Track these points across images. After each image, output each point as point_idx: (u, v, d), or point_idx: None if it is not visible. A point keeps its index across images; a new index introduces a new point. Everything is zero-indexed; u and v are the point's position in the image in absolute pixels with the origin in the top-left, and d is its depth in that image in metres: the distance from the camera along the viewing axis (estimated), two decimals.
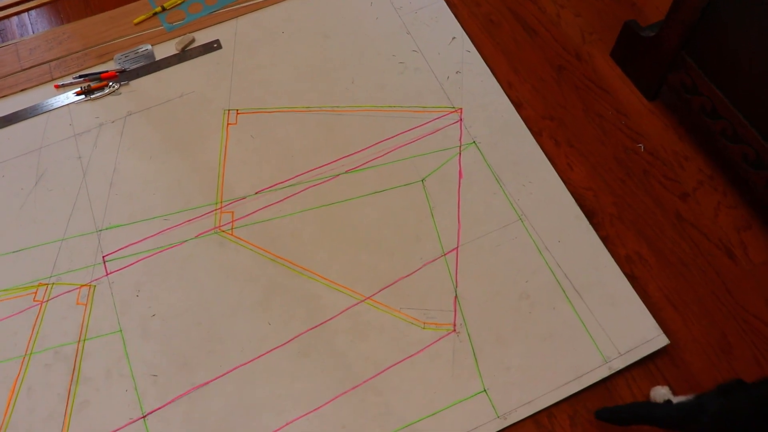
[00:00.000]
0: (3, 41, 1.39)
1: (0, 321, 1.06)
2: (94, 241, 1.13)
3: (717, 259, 1.08)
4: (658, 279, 1.06)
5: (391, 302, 1.04)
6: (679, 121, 1.21)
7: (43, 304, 1.07)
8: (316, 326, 1.03)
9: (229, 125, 1.23)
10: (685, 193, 1.14)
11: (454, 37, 1.31)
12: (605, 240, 1.09)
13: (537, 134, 1.20)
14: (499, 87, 1.25)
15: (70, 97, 1.28)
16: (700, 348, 1.01)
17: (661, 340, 1.00)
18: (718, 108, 1.07)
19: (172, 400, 0.99)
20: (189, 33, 1.35)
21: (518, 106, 1.23)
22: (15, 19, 1.43)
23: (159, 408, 0.98)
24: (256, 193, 1.15)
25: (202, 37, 1.35)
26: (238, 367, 1.01)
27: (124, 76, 1.30)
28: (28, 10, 1.44)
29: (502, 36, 1.33)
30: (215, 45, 1.33)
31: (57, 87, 1.30)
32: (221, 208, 1.14)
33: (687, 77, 1.11)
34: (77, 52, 1.34)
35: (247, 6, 1.38)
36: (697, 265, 1.08)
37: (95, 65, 1.33)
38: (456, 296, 1.04)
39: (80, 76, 1.30)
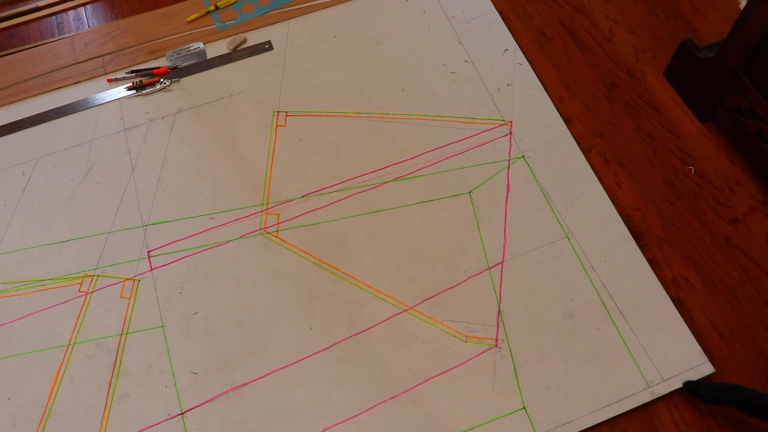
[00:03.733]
0: (60, 34, 1.42)
1: (46, 309, 1.08)
2: (139, 235, 1.14)
3: (766, 287, 1.06)
4: (705, 305, 1.05)
5: (433, 313, 1.04)
6: (732, 144, 1.19)
7: (88, 296, 1.09)
8: (357, 333, 1.03)
9: (278, 127, 1.23)
10: (736, 218, 1.12)
11: (506, 49, 1.31)
12: (652, 262, 1.07)
13: (586, 151, 1.19)
14: (550, 102, 1.24)
15: (121, 91, 1.30)
16: (746, 378, 0.99)
17: (706, 368, 0.98)
18: None
19: (211, 399, 0.99)
20: (241, 33, 1.36)
21: (568, 121, 1.22)
22: (72, 12, 1.46)
23: (197, 406, 0.99)
24: (302, 197, 1.16)
25: (253, 38, 1.35)
26: (278, 369, 1.01)
27: (175, 73, 1.32)
28: (84, 4, 1.46)
29: (554, 50, 1.32)
30: (266, 46, 1.34)
31: (109, 81, 1.31)
32: (267, 209, 1.15)
33: (744, 101, 1.09)
34: (130, 47, 1.36)
35: (299, 8, 1.38)
36: (745, 292, 1.06)
37: (147, 61, 1.34)
38: (499, 311, 1.04)
39: (132, 72, 1.32)
